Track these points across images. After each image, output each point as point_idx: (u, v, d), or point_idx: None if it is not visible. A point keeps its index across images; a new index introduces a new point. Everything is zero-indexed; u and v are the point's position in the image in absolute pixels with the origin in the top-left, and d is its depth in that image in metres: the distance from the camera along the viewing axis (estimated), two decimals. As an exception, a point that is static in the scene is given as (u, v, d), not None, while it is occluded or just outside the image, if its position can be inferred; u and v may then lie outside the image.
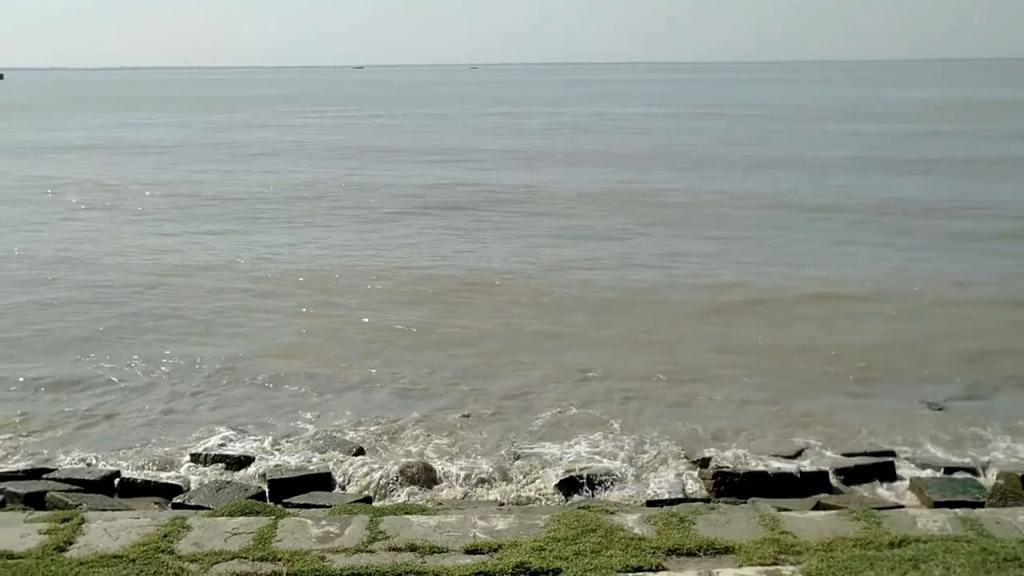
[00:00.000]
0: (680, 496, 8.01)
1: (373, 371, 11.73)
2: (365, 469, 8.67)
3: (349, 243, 20.09)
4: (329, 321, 13.98)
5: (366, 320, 14.02)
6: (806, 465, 8.68)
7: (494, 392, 11.07)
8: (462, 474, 8.70)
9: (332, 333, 13.34)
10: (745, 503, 7.29)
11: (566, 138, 46.49)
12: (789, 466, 8.60)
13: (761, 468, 8.41)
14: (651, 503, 7.71)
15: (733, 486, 8.11)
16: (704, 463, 8.83)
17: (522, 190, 27.37)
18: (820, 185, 27.56)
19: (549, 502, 8.04)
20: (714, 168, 32.53)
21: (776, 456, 8.95)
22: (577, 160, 35.66)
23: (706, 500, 7.75)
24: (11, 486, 7.85)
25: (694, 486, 8.39)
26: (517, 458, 9.17)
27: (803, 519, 6.41)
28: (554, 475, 8.58)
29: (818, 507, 7.35)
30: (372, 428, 9.92)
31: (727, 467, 8.55)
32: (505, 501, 8.11)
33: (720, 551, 5.78)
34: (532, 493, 8.35)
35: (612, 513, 6.49)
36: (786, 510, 6.77)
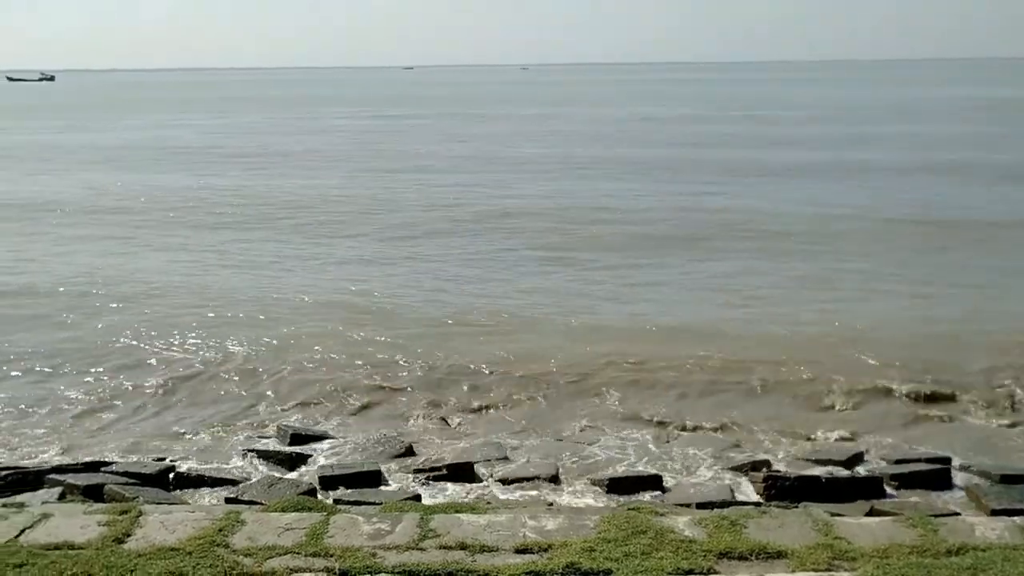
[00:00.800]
0: (729, 499, 7.93)
1: (420, 370, 11.81)
2: (414, 467, 8.73)
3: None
4: (377, 321, 14.10)
5: (415, 318, 14.12)
6: (859, 470, 8.56)
7: (542, 390, 11.07)
8: (510, 473, 8.70)
9: (382, 332, 13.43)
10: (797, 507, 7.20)
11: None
12: (842, 471, 8.50)
13: (814, 472, 8.30)
14: (700, 505, 7.62)
15: (784, 490, 8.01)
16: (755, 466, 8.74)
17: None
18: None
19: (597, 502, 8.02)
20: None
21: (829, 460, 8.84)
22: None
23: (757, 504, 7.66)
24: (71, 478, 8.02)
25: (744, 489, 8.34)
26: (564, 457, 9.18)
27: (857, 525, 6.32)
28: (602, 475, 8.58)
29: (872, 513, 7.24)
30: (421, 426, 9.98)
31: (778, 471, 8.47)
32: (553, 501, 8.11)
33: (772, 556, 5.73)
34: (580, 493, 8.34)
35: (662, 515, 6.47)
36: (839, 515, 6.68)
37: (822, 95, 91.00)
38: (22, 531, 6.21)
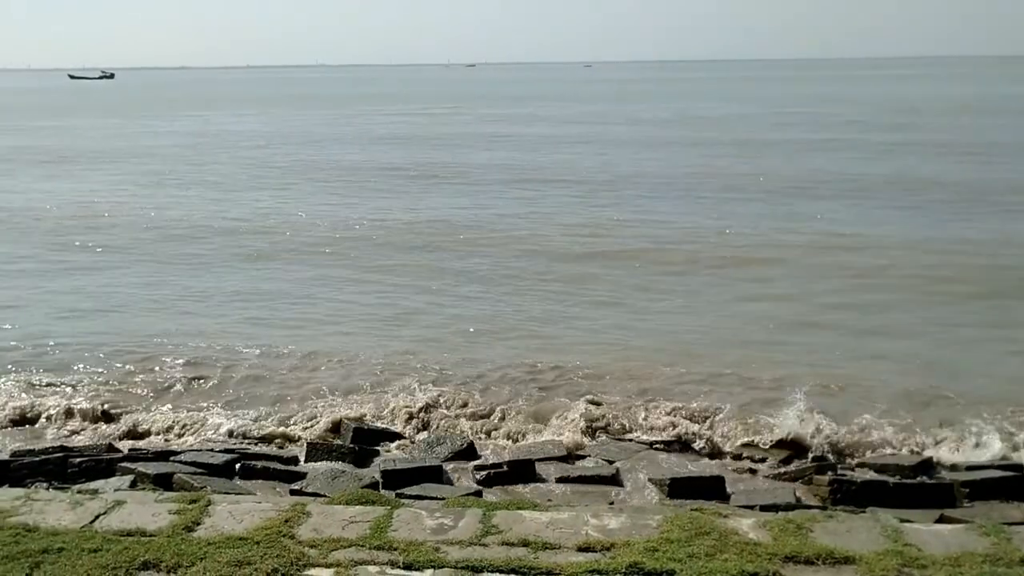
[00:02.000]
0: (794, 502, 7.82)
1: (487, 366, 11.86)
2: (475, 464, 8.78)
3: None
4: (450, 316, 14.17)
5: (492, 315, 14.17)
6: (929, 476, 8.38)
7: (605, 388, 11.05)
8: (570, 472, 8.71)
9: (451, 329, 13.51)
10: (864, 512, 7.07)
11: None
12: (910, 477, 8.32)
13: (881, 477, 8.15)
14: (764, 508, 7.52)
15: (850, 494, 7.87)
16: (819, 470, 8.60)
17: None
18: None
19: (658, 503, 7.98)
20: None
21: (895, 466, 8.66)
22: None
23: (822, 508, 7.54)
24: (141, 467, 8.22)
25: (807, 492, 8.23)
26: (624, 457, 9.16)
27: (928, 532, 6.18)
28: (662, 475, 8.53)
29: (942, 520, 7.08)
30: (482, 423, 10.03)
31: (843, 474, 8.33)
32: (613, 499, 8.09)
33: (840, 561, 5.62)
34: (640, 493, 8.31)
35: (725, 516, 6.40)
36: (908, 522, 6.53)
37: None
38: (96, 517, 6.38)
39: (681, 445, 9.65)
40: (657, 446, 9.61)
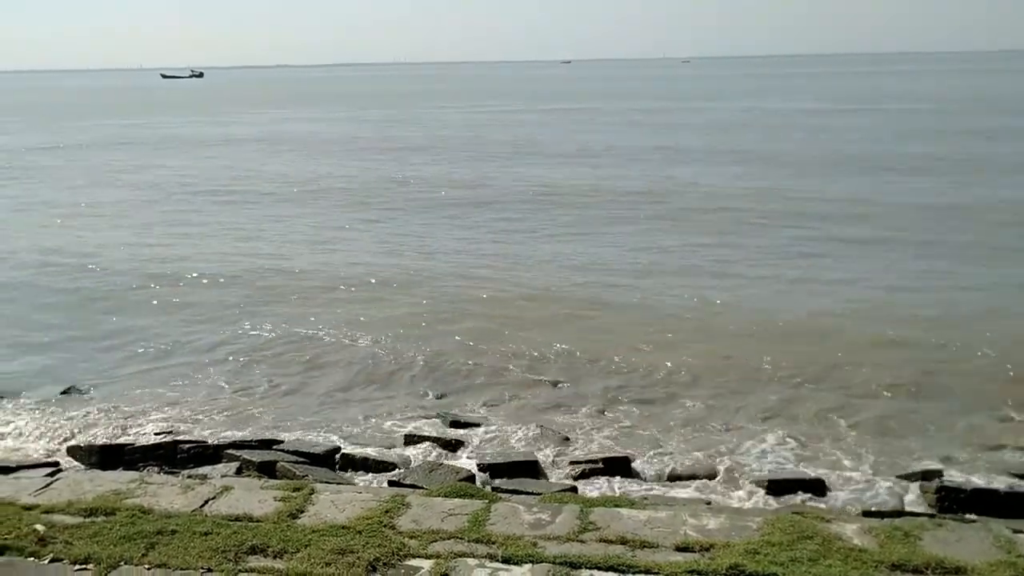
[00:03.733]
0: (899, 508, 7.60)
1: (577, 361, 11.84)
2: (570, 458, 8.78)
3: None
4: (536, 316, 14.24)
5: (586, 314, 14.19)
6: (1043, 484, 8.03)
7: (701, 387, 10.95)
8: (667, 469, 8.65)
9: (546, 327, 13.56)
10: (974, 521, 6.82)
11: None
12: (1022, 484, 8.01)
13: (992, 485, 7.85)
14: (868, 514, 7.34)
15: (959, 502, 7.60)
16: (926, 475, 8.33)
17: None
18: None
19: (757, 503, 7.85)
20: None
21: (1008, 473, 8.34)
22: None
23: (930, 515, 7.30)
24: (247, 454, 8.48)
25: (913, 499, 7.98)
26: (722, 455, 9.03)
27: (1043, 543, 5.94)
28: (761, 475, 8.39)
29: (1058, 531, 6.77)
30: (579, 419, 10.02)
31: (952, 481, 8.05)
32: (711, 500, 7.99)
33: (950, 571, 5.44)
34: (738, 493, 8.19)
35: (828, 521, 6.26)
36: (1021, 532, 6.28)
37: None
38: (206, 501, 6.62)
39: (777, 445, 9.46)
40: (751, 445, 9.44)
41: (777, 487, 8.04)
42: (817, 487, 8.09)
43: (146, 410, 10.54)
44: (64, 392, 11.11)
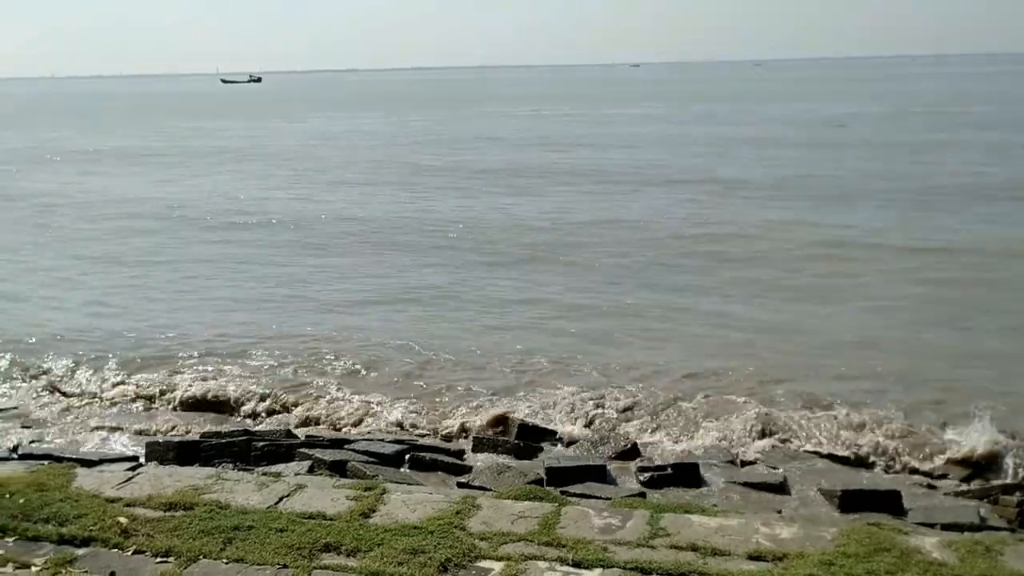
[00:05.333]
0: (979, 523, 7.40)
1: (658, 365, 11.79)
2: (639, 465, 8.74)
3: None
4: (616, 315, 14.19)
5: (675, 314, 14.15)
6: None
7: (778, 393, 10.82)
8: (735, 477, 8.56)
9: (618, 328, 13.52)
10: (1060, 537, 6.61)
11: None
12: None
13: (1078, 500, 7.60)
14: (946, 527, 7.16)
15: (1041, 517, 7.39)
16: (1006, 489, 8.10)
17: None
18: None
19: (828, 514, 7.71)
20: None
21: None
22: None
23: (1010, 530, 7.11)
24: (318, 453, 8.61)
25: (992, 513, 7.76)
26: (792, 465, 8.92)
27: None
28: (833, 486, 8.24)
29: None
30: (647, 424, 9.97)
31: (1035, 495, 7.81)
32: (782, 508, 7.88)
33: (1035, 588, 5.30)
34: (809, 503, 8.07)
35: (906, 534, 6.13)
36: (1110, 551, 6.07)
37: None
38: (280, 499, 6.75)
39: (852, 456, 9.29)
40: (826, 455, 9.29)
41: (850, 498, 7.86)
42: (893, 499, 7.90)
43: (220, 407, 10.79)
44: (143, 387, 11.42)
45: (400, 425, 10.33)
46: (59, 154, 44.47)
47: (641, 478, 8.45)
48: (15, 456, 8.63)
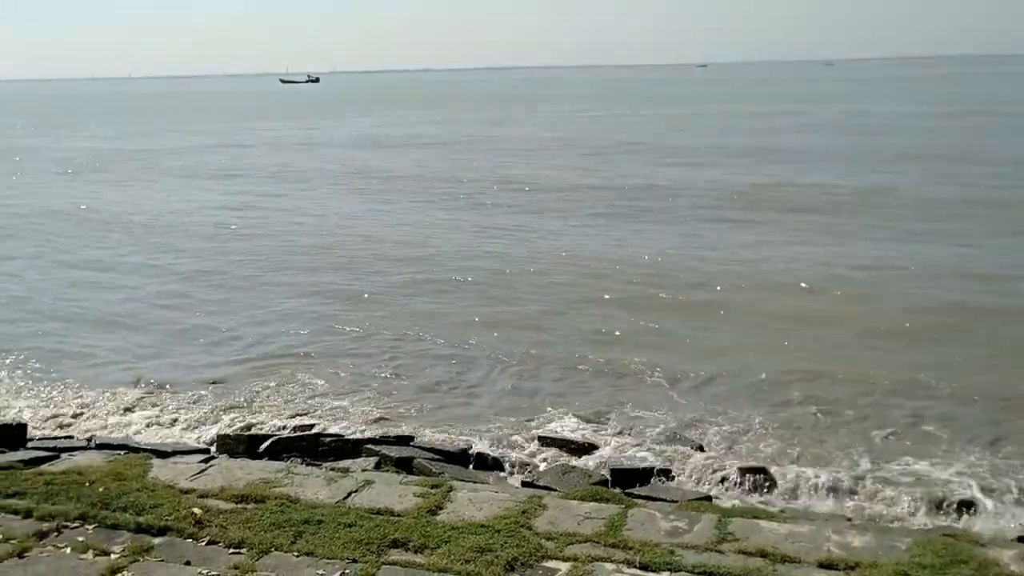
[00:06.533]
0: (1058, 535, 7.17)
1: (717, 368, 11.69)
2: (705, 467, 8.66)
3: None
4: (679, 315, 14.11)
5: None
6: None
7: (846, 397, 10.61)
8: (805, 482, 8.41)
9: (679, 329, 13.41)
10: None
11: None
12: None
13: None
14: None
15: (1125, 532, 7.13)
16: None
17: None
18: None
19: (904, 523, 7.55)
20: None
21: None
22: None
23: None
24: (385, 449, 8.70)
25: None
26: (864, 470, 8.74)
27: None
28: (907, 494, 8.06)
29: None
30: (713, 426, 9.86)
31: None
32: (853, 516, 7.74)
33: (1119, 605, 5.12)
34: (882, 511, 7.90)
35: (983, 546, 5.98)
36: None
37: None
38: (349, 494, 6.84)
39: (919, 463, 9.07)
40: (895, 462, 9.09)
41: (925, 508, 7.70)
42: (968, 511, 7.71)
43: (286, 402, 10.97)
44: (214, 382, 11.67)
45: (462, 421, 10.36)
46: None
47: (708, 481, 8.37)
48: (93, 446, 8.91)
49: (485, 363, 12.22)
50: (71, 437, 9.64)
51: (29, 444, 8.95)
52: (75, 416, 10.57)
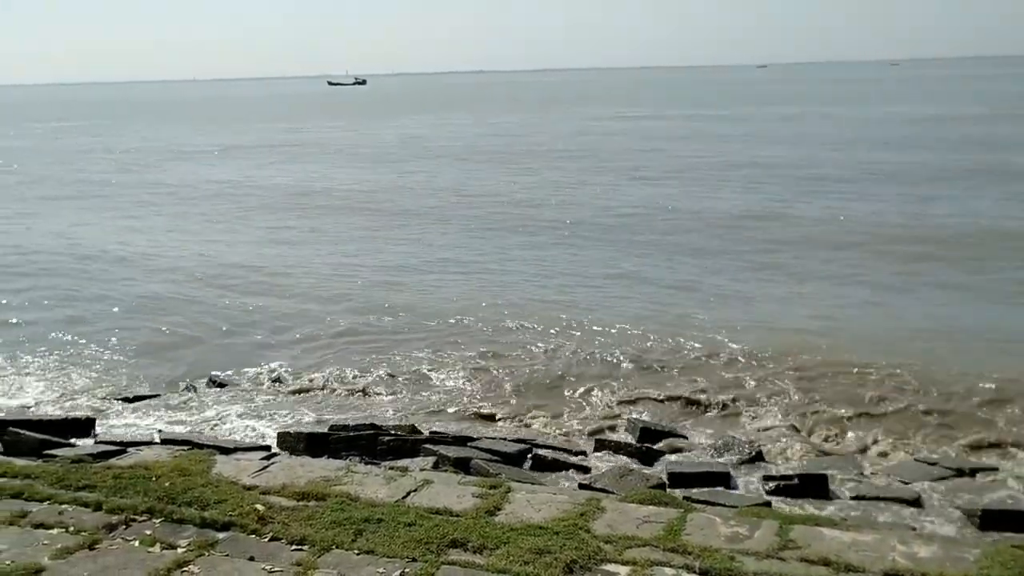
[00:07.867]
0: None
1: (780, 373, 11.55)
2: (764, 473, 8.56)
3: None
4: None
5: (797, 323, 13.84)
6: None
7: (915, 406, 10.44)
8: (866, 490, 8.26)
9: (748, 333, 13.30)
10: None
11: None
12: None
13: None
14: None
15: None
16: None
17: None
18: None
19: (968, 535, 7.36)
20: None
21: None
22: None
23: None
24: (443, 449, 8.76)
25: None
26: (928, 480, 8.55)
27: None
28: (974, 504, 7.87)
29: None
30: (770, 432, 9.75)
31: None
32: (916, 525, 7.58)
33: None
34: (944, 521, 7.72)
35: (1054, 558, 5.80)
36: None
37: None
38: (408, 493, 6.88)
39: (988, 474, 8.85)
40: (962, 471, 8.88)
41: (992, 519, 7.49)
42: (1034, 519, 7.50)
43: (343, 401, 11.10)
44: (274, 380, 11.85)
45: (518, 423, 10.39)
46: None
47: (767, 487, 8.27)
48: (158, 441, 9.10)
49: (542, 364, 12.23)
50: (135, 429, 9.89)
51: (96, 439, 9.21)
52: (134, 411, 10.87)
